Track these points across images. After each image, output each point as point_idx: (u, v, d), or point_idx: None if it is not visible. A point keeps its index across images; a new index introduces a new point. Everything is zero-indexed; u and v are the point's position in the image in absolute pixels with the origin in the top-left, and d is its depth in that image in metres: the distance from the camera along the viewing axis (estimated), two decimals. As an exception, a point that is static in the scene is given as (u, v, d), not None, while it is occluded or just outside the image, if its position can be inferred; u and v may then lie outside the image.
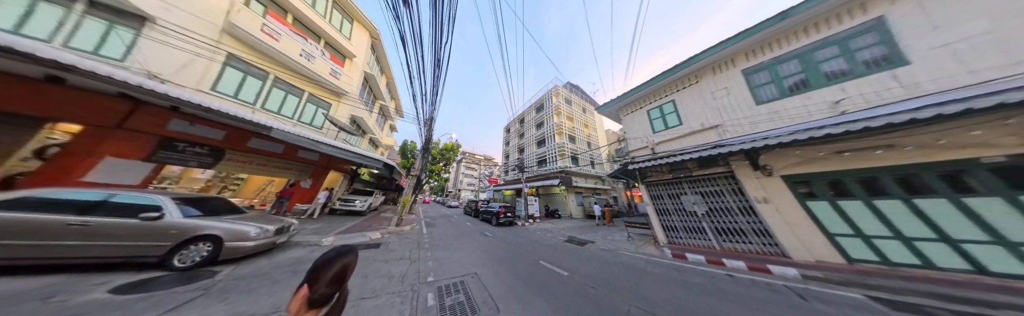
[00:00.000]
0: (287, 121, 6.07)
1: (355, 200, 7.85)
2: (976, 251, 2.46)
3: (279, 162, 6.39)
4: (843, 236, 3.12)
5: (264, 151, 5.90)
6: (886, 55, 3.21)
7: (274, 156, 6.18)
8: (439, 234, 6.17)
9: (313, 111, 6.77)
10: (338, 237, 4.55)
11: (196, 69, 4.41)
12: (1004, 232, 2.36)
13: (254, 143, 5.64)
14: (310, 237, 4.32)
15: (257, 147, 5.71)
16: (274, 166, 6.30)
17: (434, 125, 7.61)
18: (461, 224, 8.60)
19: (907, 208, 2.79)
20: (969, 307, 2.16)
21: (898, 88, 3.07)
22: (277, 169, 6.41)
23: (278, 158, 6.30)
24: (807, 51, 3.84)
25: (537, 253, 4.31)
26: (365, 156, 5.57)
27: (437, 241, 5.17)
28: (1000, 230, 2.38)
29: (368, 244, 4.40)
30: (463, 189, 37.00)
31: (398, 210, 6.54)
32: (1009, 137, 2.43)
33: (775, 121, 3.91)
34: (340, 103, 7.35)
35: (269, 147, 5.96)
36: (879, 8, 3.34)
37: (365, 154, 5.57)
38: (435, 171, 11.24)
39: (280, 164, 6.43)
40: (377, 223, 6.72)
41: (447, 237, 5.75)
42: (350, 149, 5.17)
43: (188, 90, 4.29)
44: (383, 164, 6.32)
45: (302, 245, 3.94)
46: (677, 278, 3.12)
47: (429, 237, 5.65)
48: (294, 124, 6.20)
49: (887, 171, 2.96)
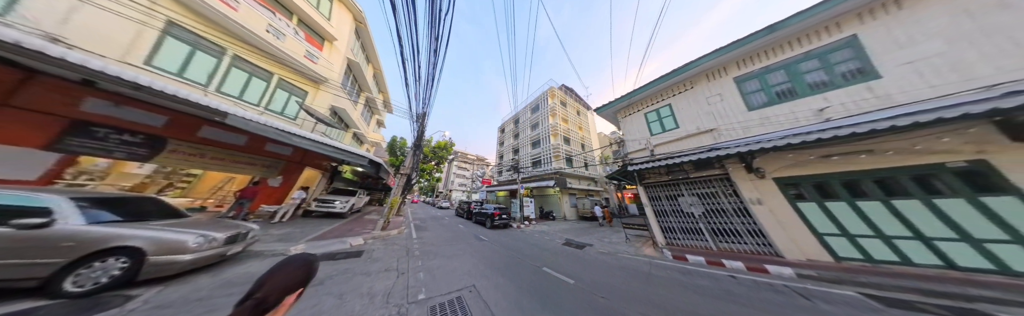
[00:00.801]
0: (251, 108, 5.21)
1: (334, 201, 6.97)
2: (946, 248, 2.70)
3: (241, 156, 5.44)
4: (831, 235, 3.30)
5: (220, 142, 4.97)
6: (861, 69, 3.54)
7: (235, 149, 5.25)
8: (431, 239, 5.66)
9: (285, 99, 5.92)
10: (310, 245, 3.89)
11: (122, 36, 3.55)
12: (968, 230, 2.61)
13: (207, 133, 4.72)
14: (275, 245, 3.62)
15: (211, 137, 4.79)
16: (234, 160, 5.35)
17: (427, 121, 7.10)
18: (453, 227, 8.07)
19: (886, 209, 3.02)
20: (949, 301, 2.32)
21: (873, 99, 3.37)
22: (238, 164, 5.45)
23: (240, 151, 5.36)
24: (792, 62, 4.14)
25: (537, 258, 4.05)
26: (347, 151, 4.91)
27: (429, 247, 4.67)
28: (965, 228, 2.63)
29: (348, 253, 3.80)
30: (454, 190, 35.74)
31: (385, 212, 5.89)
32: (968, 145, 2.73)
33: (766, 126, 4.14)
34: (318, 91, 6.51)
35: (227, 138, 5.04)
36: (852, 27, 3.70)
37: (347, 149, 4.90)
38: (426, 170, 10.51)
39: (242, 158, 5.49)
40: (360, 227, 6.00)
41: (440, 242, 5.26)
42: (328, 143, 4.49)
43: (110, 61, 3.43)
44: (368, 161, 5.67)
45: (263, 255, 3.26)
46: (684, 281, 3.06)
47: (420, 242, 5.13)
48: (261, 112, 5.35)
49: (867, 174, 3.20)
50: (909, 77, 3.20)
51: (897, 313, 2.18)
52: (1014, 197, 2.48)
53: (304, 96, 6.34)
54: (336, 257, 3.50)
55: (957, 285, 2.43)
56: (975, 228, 2.59)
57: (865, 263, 3.05)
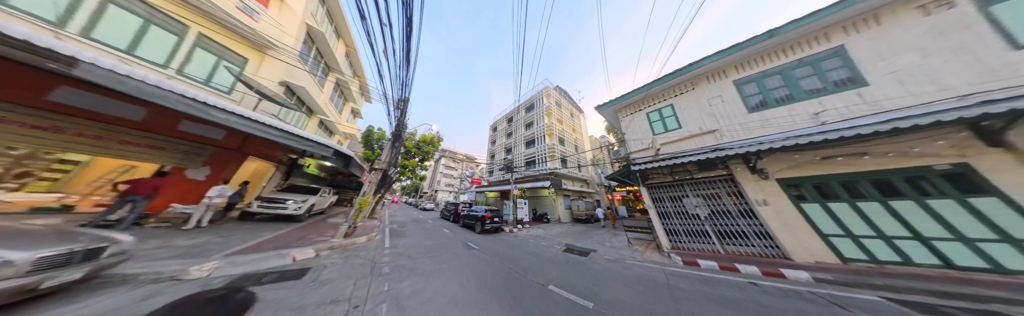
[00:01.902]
0: (151, 68, 3.81)
1: (286, 200, 5.54)
2: (942, 247, 2.79)
3: (138, 136, 4.00)
4: (835, 236, 3.31)
5: (96, 114, 3.54)
6: (850, 77, 3.75)
7: (124, 125, 3.82)
8: (408, 247, 4.67)
9: (211, 64, 4.53)
10: (229, 261, 2.76)
11: None
12: (961, 230, 2.72)
13: (64, 96, 3.27)
14: (166, 264, 2.47)
15: (75, 104, 3.35)
16: (126, 142, 3.90)
17: (408, 107, 6.18)
18: (437, 232, 7.02)
19: (884, 209, 3.10)
20: (964, 302, 2.30)
21: (863, 105, 3.56)
22: (135, 148, 4.02)
23: (136, 130, 3.93)
24: (787, 68, 4.32)
25: (540, 272, 3.41)
26: (302, 138, 3.79)
27: (404, 260, 3.74)
28: (958, 228, 2.73)
29: (284, 272, 2.75)
30: (440, 190, 33.52)
31: (351, 215, 4.77)
32: (952, 149, 2.91)
33: (767, 128, 4.20)
34: (264, 60, 5.17)
35: (109, 107, 3.60)
36: (839, 38, 3.96)
37: (303, 135, 3.78)
38: (409, 167, 9.22)
39: (141, 140, 4.04)
40: (317, 233, 4.78)
41: (419, 252, 4.32)
42: (274, 125, 3.38)
43: None
44: (334, 152, 4.58)
45: (137, 282, 2.15)
46: (710, 294, 2.74)
47: (392, 253, 4.15)
48: (169, 77, 3.96)
49: (863, 176, 3.29)
50: (893, 86, 3.43)
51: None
52: (997, 198, 2.63)
53: (242, 64, 4.98)
54: (262, 280, 2.47)
55: (959, 285, 2.46)
56: (967, 228, 2.71)
57: (870, 264, 3.07)
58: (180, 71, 4.13)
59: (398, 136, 6.18)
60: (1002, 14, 3.07)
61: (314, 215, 7.32)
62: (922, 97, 3.21)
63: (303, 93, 6.66)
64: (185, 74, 4.20)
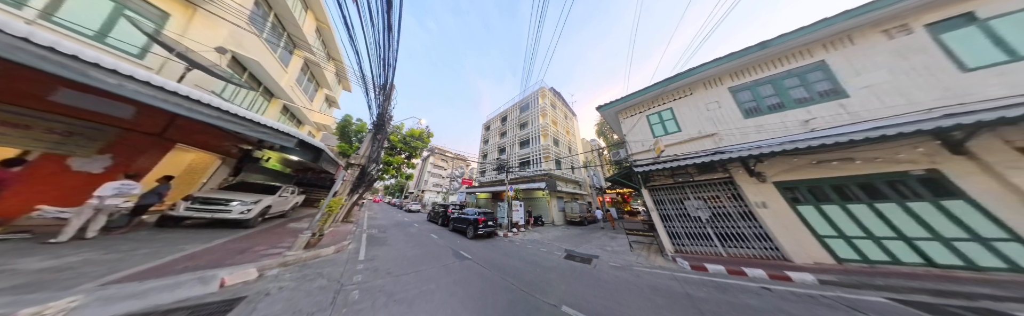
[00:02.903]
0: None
1: (230, 201, 4.34)
2: (924, 247, 3.00)
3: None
4: (830, 237, 3.44)
5: None
6: (833, 89, 4.07)
7: None
8: (388, 260, 3.87)
9: (105, 11, 3.36)
10: (103, 295, 1.82)
11: None
12: (938, 230, 2.95)
13: None
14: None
15: None
16: None
17: (393, 93, 5.42)
18: (424, 238, 6.17)
19: (871, 211, 3.30)
20: (961, 300, 2.42)
21: (846, 114, 3.85)
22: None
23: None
24: (777, 78, 4.61)
25: (547, 287, 2.93)
26: (249, 122, 2.85)
27: (380, 278, 2.98)
28: (935, 228, 2.97)
29: (197, 307, 1.90)
30: (428, 190, 31.27)
31: (317, 219, 3.86)
32: (924, 156, 3.20)
33: (762, 133, 4.39)
34: (194, 17, 4.02)
35: None
36: (820, 54, 4.32)
37: (250, 118, 2.86)
38: (394, 164, 8.11)
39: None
40: (269, 243, 3.77)
41: (401, 267, 3.53)
42: (207, 101, 2.47)
43: None
44: (299, 143, 3.68)
45: None
46: (732, 302, 2.58)
47: (367, 269, 3.35)
48: (28, 22, 2.91)
49: (850, 179, 3.51)
50: (870, 98, 3.77)
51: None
52: (963, 201, 2.91)
53: (162, 20, 3.84)
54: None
55: (944, 282, 2.62)
56: (943, 228, 2.95)
57: (863, 264, 3.21)
58: (48, 14, 2.97)
59: (381, 126, 5.34)
60: (950, 41, 3.55)
61: (270, 219, 6.02)
62: (895, 109, 3.54)
63: (258, 69, 5.47)
64: (58, 20, 3.04)
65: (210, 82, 4.49)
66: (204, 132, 4.77)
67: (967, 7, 3.55)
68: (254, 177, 7.17)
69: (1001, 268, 2.70)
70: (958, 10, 3.58)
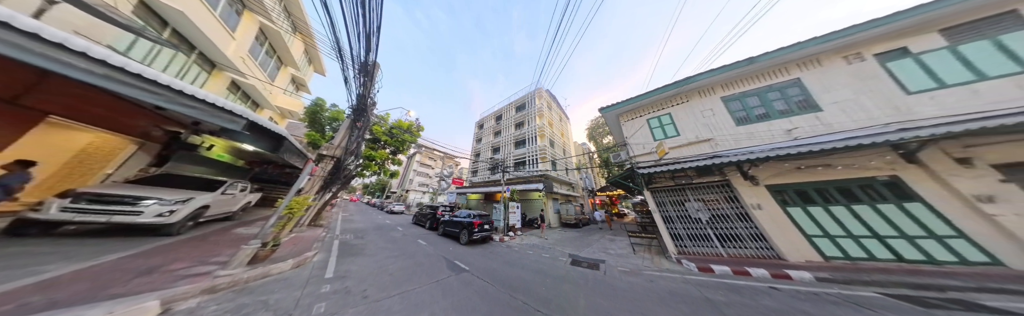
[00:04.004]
0: None
1: (141, 199, 3.15)
2: (893, 244, 3.36)
3: None
4: (817, 237, 3.71)
5: None
6: (809, 102, 4.58)
7: None
8: (364, 276, 3.07)
9: None
10: None
11: None
12: (904, 229, 3.34)
13: None
14: None
15: None
16: None
17: (377, 74, 4.68)
18: (410, 244, 5.33)
19: (849, 212, 3.64)
20: (934, 292, 2.68)
21: (821, 126, 4.33)
22: None
23: None
24: (762, 91, 5.08)
25: (565, 303, 2.51)
26: (158, 86, 1.99)
27: (352, 306, 2.18)
28: (901, 228, 3.35)
29: None
30: (413, 190, 28.50)
31: (270, 224, 2.95)
32: (887, 164, 3.67)
33: (752, 140, 4.73)
34: None
35: None
36: (796, 73, 4.88)
37: (158, 80, 1.98)
38: (377, 159, 6.95)
39: None
40: (196, 257, 2.74)
41: (382, 285, 2.73)
42: (71, 46, 1.58)
43: None
44: (248, 126, 2.81)
45: None
46: (753, 305, 2.56)
47: (336, 290, 2.55)
48: None
49: (831, 183, 3.88)
50: (838, 112, 4.29)
51: (940, 313, 2.27)
52: (921, 203, 3.35)
53: None
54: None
55: (913, 276, 2.91)
56: (907, 227, 3.35)
57: (846, 261, 3.49)
58: None
59: (361, 112, 4.53)
60: (894, 69, 4.22)
61: (209, 223, 4.69)
62: (861, 123, 4.06)
63: (184, 25, 4.20)
64: None
65: (108, 33, 3.34)
66: (99, 102, 3.45)
67: (902, 43, 4.26)
68: (188, 169, 5.63)
69: (953, 261, 3.13)
70: (896, 45, 4.29)
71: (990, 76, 3.59)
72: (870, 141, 3.08)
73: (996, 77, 3.55)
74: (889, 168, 3.64)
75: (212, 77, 5.28)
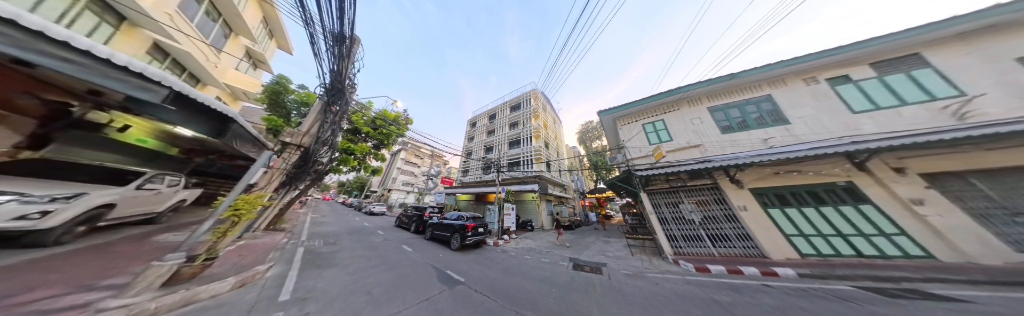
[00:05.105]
0: None
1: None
2: (854, 241, 3.81)
3: None
4: (794, 236, 4.08)
5: None
6: (780, 116, 5.19)
7: None
8: (333, 297, 2.40)
9: None
10: None
11: None
12: (860, 228, 3.83)
13: None
14: None
15: None
16: None
17: (357, 50, 3.81)
18: (393, 251, 4.66)
19: (818, 213, 4.09)
20: (889, 283, 3.03)
21: (791, 137, 4.91)
22: None
23: None
24: (741, 104, 5.66)
25: (573, 315, 2.28)
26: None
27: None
28: (859, 226, 3.84)
29: None
30: (396, 189, 25.77)
31: (203, 230, 2.23)
32: (844, 171, 4.24)
33: (736, 147, 5.18)
34: None
35: None
36: (767, 90, 5.54)
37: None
38: (357, 153, 5.92)
39: None
40: (73, 280, 1.93)
41: (355, 310, 2.11)
42: None
43: None
44: (172, 97, 2.04)
45: None
46: (756, 303, 2.66)
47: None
48: None
49: (801, 188, 4.36)
50: (803, 126, 4.92)
51: (903, 303, 2.55)
52: (872, 206, 3.90)
53: None
54: None
55: (869, 269, 3.31)
56: (863, 226, 3.84)
57: (819, 257, 3.86)
58: None
59: (338, 93, 3.68)
60: (842, 92, 5.00)
61: (116, 228, 3.58)
62: (821, 135, 4.68)
63: None
64: None
65: None
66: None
67: (845, 71, 5.09)
68: (85, 155, 4.31)
69: (899, 255, 3.64)
70: (841, 72, 5.10)
71: (909, 102, 4.42)
72: (832, 151, 3.59)
73: (913, 103, 4.38)
74: (846, 175, 4.21)
75: (121, 33, 4.02)
